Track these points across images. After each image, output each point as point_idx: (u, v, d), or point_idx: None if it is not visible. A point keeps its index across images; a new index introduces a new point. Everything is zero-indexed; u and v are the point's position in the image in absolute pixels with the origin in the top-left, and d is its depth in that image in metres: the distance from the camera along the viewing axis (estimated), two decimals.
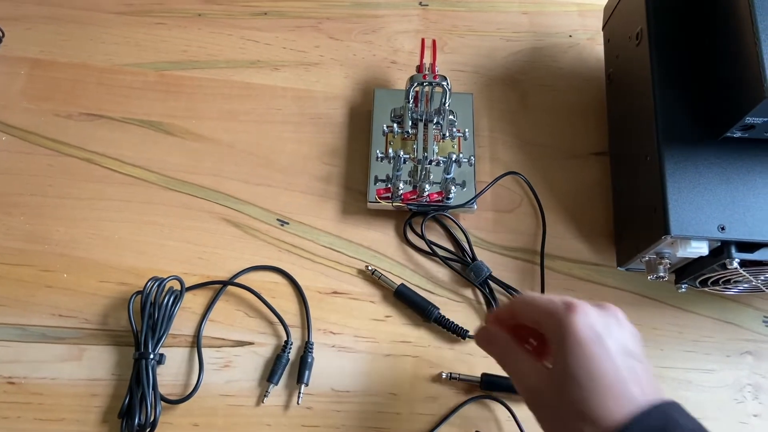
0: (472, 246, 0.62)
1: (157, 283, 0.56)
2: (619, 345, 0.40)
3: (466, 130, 0.61)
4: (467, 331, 0.58)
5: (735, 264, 0.50)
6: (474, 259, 0.61)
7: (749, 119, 0.49)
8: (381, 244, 0.62)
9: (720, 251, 0.51)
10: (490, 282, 0.61)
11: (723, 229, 0.50)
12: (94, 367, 0.56)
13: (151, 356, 0.54)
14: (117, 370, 0.56)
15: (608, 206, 0.64)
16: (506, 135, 0.67)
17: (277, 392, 0.56)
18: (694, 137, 0.53)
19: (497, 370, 0.57)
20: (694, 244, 0.51)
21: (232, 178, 0.64)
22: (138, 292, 0.56)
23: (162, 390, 0.54)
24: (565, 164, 0.66)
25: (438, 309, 0.59)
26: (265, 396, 0.55)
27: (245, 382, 0.56)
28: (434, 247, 0.62)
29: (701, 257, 0.53)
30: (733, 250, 0.50)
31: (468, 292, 0.61)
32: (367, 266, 0.61)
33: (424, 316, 0.59)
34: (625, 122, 0.62)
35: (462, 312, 0.60)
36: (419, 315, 0.59)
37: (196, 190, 0.63)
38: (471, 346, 0.58)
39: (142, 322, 0.55)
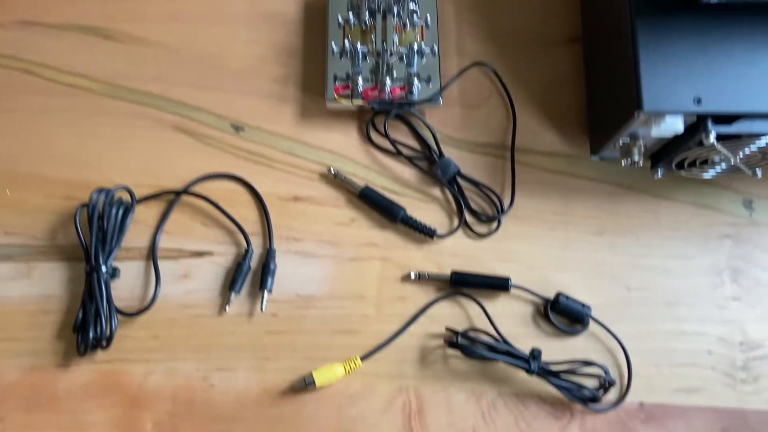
0: (439, 143, 0.59)
1: (103, 194, 0.53)
2: None
3: (428, 15, 0.57)
4: (435, 231, 0.56)
5: (712, 139, 0.47)
6: (441, 156, 0.58)
7: None
8: (343, 147, 0.59)
9: (696, 127, 0.48)
10: (459, 180, 0.58)
11: (699, 101, 0.47)
12: (46, 284, 0.53)
13: (103, 269, 0.51)
14: (70, 285, 0.53)
15: (582, 95, 0.60)
16: (473, 24, 0.63)
17: (239, 301, 0.54)
18: (670, 5, 0.49)
19: (467, 267, 0.56)
20: (668, 119, 0.48)
21: (180, 83, 0.60)
22: (84, 205, 0.53)
23: (119, 304, 0.52)
24: (536, 53, 0.62)
25: (404, 209, 0.56)
26: (227, 305, 0.53)
27: (206, 292, 0.54)
28: (399, 147, 0.58)
29: (677, 136, 0.50)
30: (710, 124, 0.47)
31: (436, 192, 0.58)
32: (329, 169, 0.57)
33: (390, 217, 0.56)
34: None
35: (430, 212, 0.57)
36: (385, 217, 0.57)
37: (142, 97, 0.59)
38: (440, 245, 0.56)
39: (91, 235, 0.52)
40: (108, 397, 0.51)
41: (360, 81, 0.57)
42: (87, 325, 0.50)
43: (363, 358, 0.52)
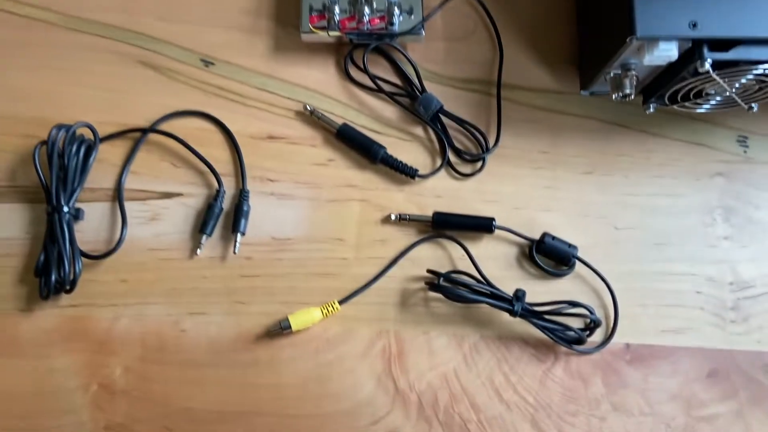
0: (422, 79, 0.56)
1: (63, 130, 0.49)
2: None
3: None
4: (417, 171, 0.53)
5: (707, 66, 0.44)
6: (423, 92, 0.55)
7: None
8: (320, 83, 0.56)
9: (691, 53, 0.45)
10: (442, 117, 0.55)
11: (695, 26, 0.44)
12: (5, 226, 0.51)
13: (65, 209, 0.48)
14: (31, 228, 0.51)
15: (572, 28, 0.57)
16: None
17: (212, 244, 0.51)
18: None
19: (450, 208, 0.53)
20: (662, 46, 0.45)
21: (144, 14, 0.56)
22: (43, 143, 0.50)
23: (84, 247, 0.50)
24: None
25: (385, 148, 0.53)
26: (198, 248, 0.51)
27: (176, 234, 0.51)
28: (379, 82, 0.55)
29: (670, 65, 0.47)
30: (705, 50, 0.45)
31: (418, 130, 0.55)
32: (305, 106, 0.54)
33: (370, 157, 0.54)
34: None
35: (412, 151, 0.55)
36: (365, 156, 0.54)
37: (103, 29, 0.55)
38: (422, 186, 0.54)
39: (51, 173, 0.49)
40: (74, 343, 0.49)
41: (337, 11, 0.53)
42: (49, 268, 0.48)
43: (341, 302, 0.50)
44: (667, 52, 0.45)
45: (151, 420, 0.47)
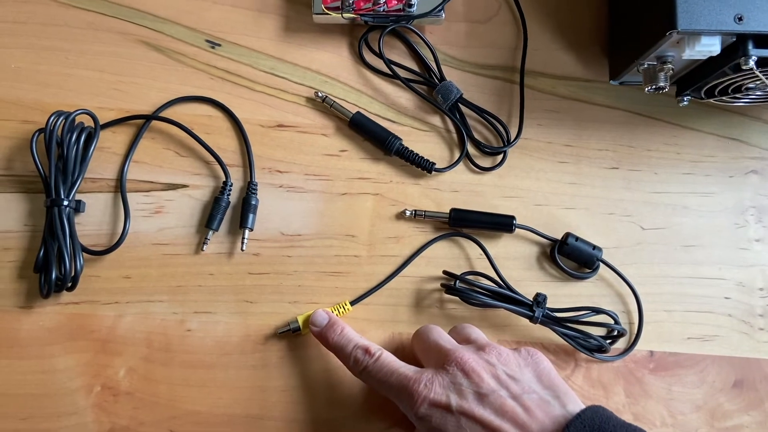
0: (440, 65, 0.52)
1: (62, 118, 0.47)
2: (472, 398, 0.38)
3: None
4: (434, 164, 0.50)
5: (751, 63, 0.41)
6: (442, 79, 0.52)
7: None
8: (332, 67, 0.53)
9: (734, 49, 0.42)
10: (461, 106, 0.52)
11: (740, 19, 0.41)
12: (3, 219, 0.48)
13: (65, 203, 0.46)
14: (30, 220, 0.48)
15: (603, 11, 0.53)
16: None
17: (218, 239, 0.49)
18: None
19: (467, 203, 0.51)
20: (704, 40, 0.42)
21: None
22: (41, 130, 0.47)
23: (85, 241, 0.48)
24: None
25: (400, 140, 0.51)
26: (204, 243, 0.48)
27: (181, 228, 0.49)
28: (395, 68, 0.52)
29: (711, 59, 0.44)
30: (750, 46, 0.41)
31: (436, 120, 0.52)
32: (316, 93, 0.51)
33: (385, 148, 0.51)
34: None
35: (428, 142, 0.52)
36: (379, 147, 0.51)
37: (104, 6, 0.52)
38: (438, 179, 0.51)
39: (50, 164, 0.46)
40: (76, 342, 0.47)
41: None
42: (49, 265, 0.45)
43: (353, 302, 0.48)
44: (710, 47, 0.42)
45: (156, 423, 0.46)
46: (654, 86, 0.47)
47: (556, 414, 0.37)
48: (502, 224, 0.49)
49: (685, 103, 0.50)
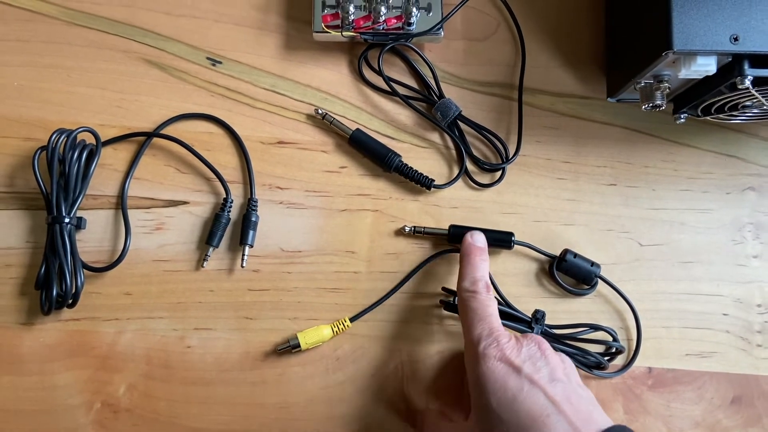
0: (439, 82, 0.53)
1: (64, 136, 0.47)
2: (545, 374, 0.39)
3: None
4: (433, 181, 0.51)
5: (747, 83, 0.42)
6: (441, 96, 0.53)
7: None
8: (332, 84, 0.53)
9: (730, 68, 0.43)
10: (460, 123, 0.53)
11: (736, 39, 0.41)
12: (5, 235, 0.49)
13: (67, 220, 0.46)
14: (31, 237, 0.49)
15: (600, 29, 0.54)
16: None
17: (218, 255, 0.49)
18: None
19: (467, 221, 0.51)
20: (700, 60, 0.42)
21: (149, 8, 0.53)
22: (43, 148, 0.47)
23: (86, 257, 0.48)
24: None
25: (400, 156, 0.51)
26: (204, 260, 0.49)
27: (181, 245, 0.49)
28: (394, 85, 0.52)
29: (707, 78, 0.44)
30: (746, 66, 0.42)
31: (435, 137, 0.53)
32: (316, 110, 0.52)
33: (384, 164, 0.51)
34: None
35: (427, 158, 0.52)
36: (378, 164, 0.52)
37: (106, 24, 0.53)
38: (437, 195, 0.51)
39: (52, 181, 0.47)
40: (76, 358, 0.47)
41: (351, 9, 0.50)
42: (50, 282, 0.46)
43: (352, 319, 0.48)
44: (706, 66, 0.42)
45: None
46: (651, 104, 0.47)
47: (599, 422, 0.38)
48: (501, 240, 0.50)
49: (682, 120, 0.50)
